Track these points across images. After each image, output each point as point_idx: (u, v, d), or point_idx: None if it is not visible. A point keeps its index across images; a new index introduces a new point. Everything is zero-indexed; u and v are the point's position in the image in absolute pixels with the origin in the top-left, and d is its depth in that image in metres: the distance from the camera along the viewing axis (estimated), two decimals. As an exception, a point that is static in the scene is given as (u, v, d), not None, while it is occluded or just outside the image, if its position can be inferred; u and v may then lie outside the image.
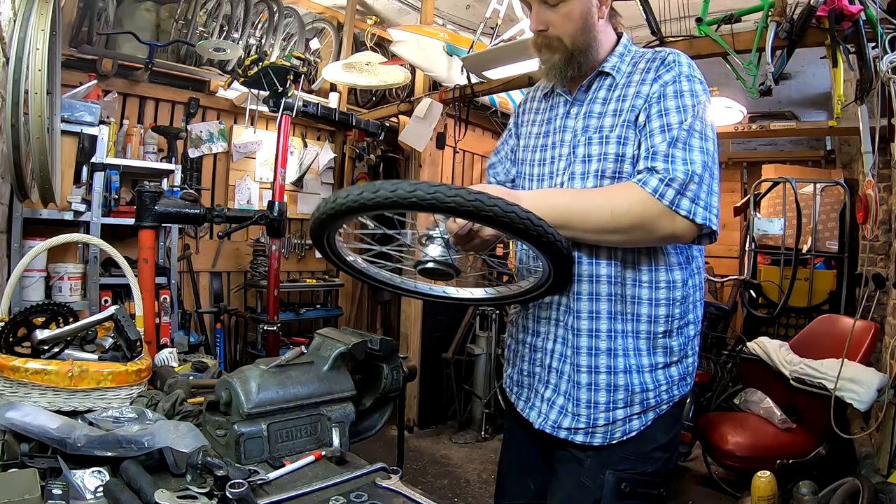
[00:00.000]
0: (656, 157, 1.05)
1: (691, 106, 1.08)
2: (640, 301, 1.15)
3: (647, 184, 1.03)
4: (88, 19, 3.29)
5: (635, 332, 1.15)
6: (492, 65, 3.36)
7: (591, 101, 1.21)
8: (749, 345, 2.98)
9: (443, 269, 0.99)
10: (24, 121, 1.72)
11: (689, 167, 1.03)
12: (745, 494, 2.46)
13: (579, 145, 1.18)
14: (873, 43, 2.23)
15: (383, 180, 1.02)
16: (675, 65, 1.13)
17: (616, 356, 1.14)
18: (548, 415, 1.21)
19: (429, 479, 3.26)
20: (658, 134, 1.07)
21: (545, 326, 1.23)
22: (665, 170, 1.03)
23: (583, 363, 1.16)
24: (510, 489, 1.37)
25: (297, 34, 4.25)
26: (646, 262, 1.15)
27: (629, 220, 1.04)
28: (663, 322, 1.15)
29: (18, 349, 1.14)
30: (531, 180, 1.29)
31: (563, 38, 1.16)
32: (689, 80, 1.11)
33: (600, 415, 1.15)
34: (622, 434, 1.15)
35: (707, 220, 1.04)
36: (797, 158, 5.53)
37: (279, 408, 0.97)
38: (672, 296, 1.15)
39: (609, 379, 1.14)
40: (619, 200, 1.05)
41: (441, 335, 4.16)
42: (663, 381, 1.16)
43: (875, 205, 2.40)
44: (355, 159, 4.64)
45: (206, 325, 3.89)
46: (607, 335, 1.15)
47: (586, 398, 1.15)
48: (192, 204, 2.49)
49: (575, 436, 1.16)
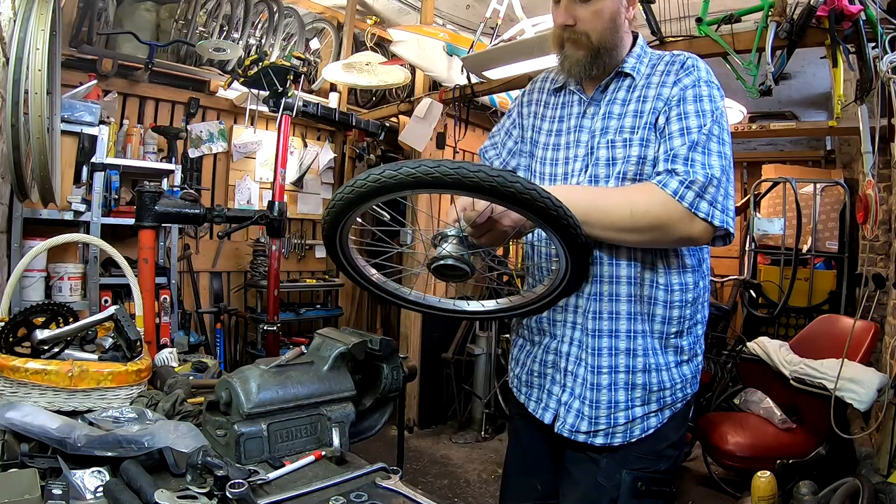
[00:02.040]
0: (676, 159, 1.06)
1: (710, 111, 1.10)
2: (655, 302, 1.16)
3: (667, 185, 1.04)
4: (88, 19, 3.29)
5: (651, 331, 1.17)
6: (492, 65, 3.36)
7: (609, 101, 1.21)
8: (749, 345, 2.98)
9: (459, 265, 0.96)
10: (24, 121, 1.72)
11: (708, 171, 1.04)
12: (745, 494, 2.46)
13: (600, 147, 1.18)
14: (873, 43, 2.22)
15: (402, 160, 0.96)
16: (695, 70, 1.15)
17: (635, 356, 1.16)
18: (565, 419, 1.20)
19: (429, 479, 3.25)
20: (677, 137, 1.09)
21: (560, 329, 1.23)
22: (685, 172, 1.04)
23: (603, 364, 1.17)
24: (516, 490, 1.37)
25: (297, 34, 4.25)
26: (662, 264, 1.16)
27: (648, 220, 1.04)
28: (676, 322, 1.17)
29: (18, 349, 1.14)
30: (543, 179, 1.28)
31: (591, 35, 1.16)
32: (707, 86, 1.13)
33: (620, 414, 1.16)
34: (641, 432, 1.16)
35: (724, 223, 1.05)
36: (797, 158, 5.53)
37: (279, 408, 0.97)
38: (685, 297, 1.17)
39: (628, 378, 1.16)
40: (639, 200, 1.05)
41: (441, 335, 4.16)
42: (678, 380, 1.18)
43: (875, 205, 2.40)
44: (355, 159, 4.64)
45: (206, 325, 3.89)
46: (626, 335, 1.16)
47: (606, 399, 1.16)
48: (192, 204, 2.49)
49: (594, 438, 1.17)
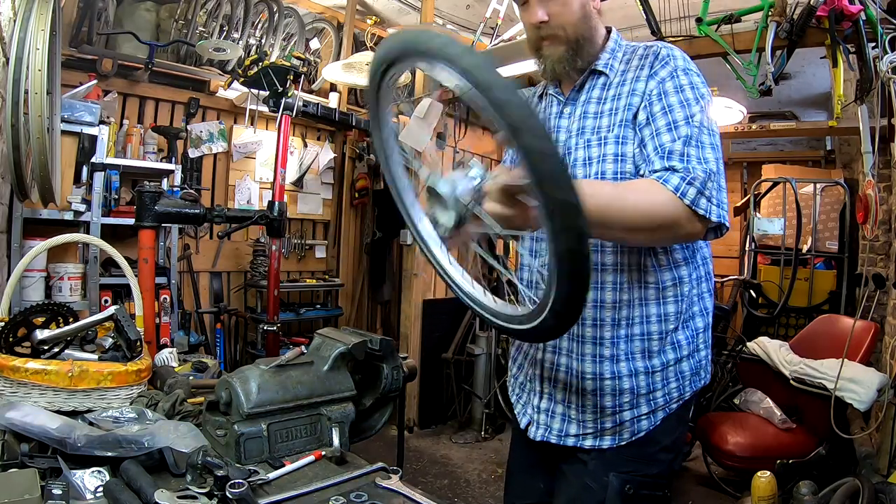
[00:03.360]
0: (671, 155, 1.02)
1: (694, 99, 1.06)
2: (646, 303, 1.13)
3: (669, 182, 1.00)
4: (88, 19, 3.29)
5: (642, 334, 1.13)
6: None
7: (585, 101, 1.19)
8: (749, 345, 2.98)
9: (446, 201, 0.86)
10: (24, 121, 1.72)
11: (705, 166, 1.01)
12: (745, 494, 2.46)
13: (578, 147, 1.16)
14: (873, 43, 2.23)
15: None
16: (671, 59, 1.11)
17: (618, 362, 1.13)
18: (550, 425, 1.20)
19: (429, 479, 3.25)
20: (665, 132, 1.05)
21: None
22: (685, 169, 1.01)
23: (587, 370, 1.15)
24: (519, 489, 1.36)
25: (297, 34, 4.24)
26: (652, 262, 1.12)
27: (658, 219, 1.00)
28: (673, 318, 1.14)
29: (18, 349, 1.14)
30: None
31: (565, 27, 1.14)
32: (686, 74, 1.09)
33: (607, 419, 1.14)
34: (630, 435, 1.14)
35: (721, 218, 1.02)
36: (797, 158, 5.52)
37: (279, 408, 0.97)
38: (679, 292, 1.14)
39: (613, 384, 1.13)
40: (649, 198, 1.00)
41: (441, 335, 4.16)
42: (672, 379, 1.15)
43: (875, 205, 2.41)
44: (355, 159, 4.64)
45: (206, 325, 3.89)
46: (611, 342, 1.13)
47: (592, 403, 1.15)
48: (192, 204, 2.49)
49: (584, 441, 1.17)
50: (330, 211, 4.68)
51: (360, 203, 4.69)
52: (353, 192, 4.65)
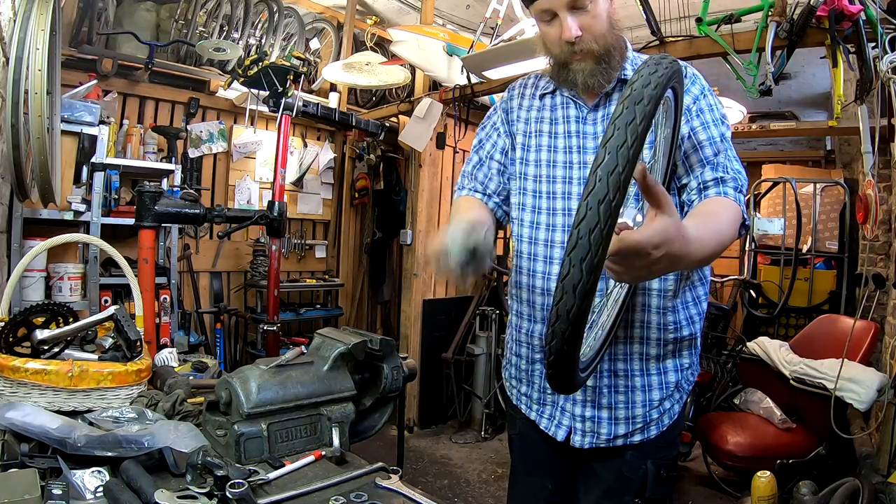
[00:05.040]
0: (717, 168, 1.12)
1: (720, 118, 1.17)
2: (686, 305, 1.22)
3: (728, 194, 1.10)
4: (88, 19, 3.29)
5: (674, 340, 1.21)
6: (492, 65, 3.36)
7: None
8: (749, 345, 2.98)
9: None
10: (24, 121, 1.72)
11: (740, 175, 1.13)
12: (745, 494, 2.46)
13: None
14: (873, 43, 2.23)
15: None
16: (697, 78, 1.20)
17: (664, 359, 1.21)
18: (597, 431, 1.20)
19: (429, 479, 3.25)
20: (708, 147, 1.13)
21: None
22: (734, 179, 1.11)
23: (635, 368, 1.20)
24: (526, 490, 1.36)
25: (297, 34, 4.24)
26: (684, 283, 1.21)
27: (736, 233, 1.08)
28: (697, 319, 1.24)
29: (18, 349, 1.14)
30: (538, 181, 1.24)
31: (597, 40, 1.13)
32: (711, 94, 1.19)
33: (653, 410, 1.20)
34: (669, 420, 1.21)
35: (749, 220, 1.13)
36: (797, 158, 5.53)
37: (279, 408, 0.97)
38: (700, 309, 1.24)
39: (660, 379, 1.21)
40: (729, 215, 1.06)
41: (441, 335, 4.15)
42: (687, 366, 1.24)
43: (875, 205, 2.40)
44: (355, 159, 4.64)
45: (206, 325, 3.89)
46: (657, 342, 1.19)
47: (641, 399, 1.19)
48: (192, 204, 2.49)
49: (633, 438, 1.19)
50: (330, 211, 4.68)
51: (360, 203, 4.70)
52: (353, 192, 4.65)
